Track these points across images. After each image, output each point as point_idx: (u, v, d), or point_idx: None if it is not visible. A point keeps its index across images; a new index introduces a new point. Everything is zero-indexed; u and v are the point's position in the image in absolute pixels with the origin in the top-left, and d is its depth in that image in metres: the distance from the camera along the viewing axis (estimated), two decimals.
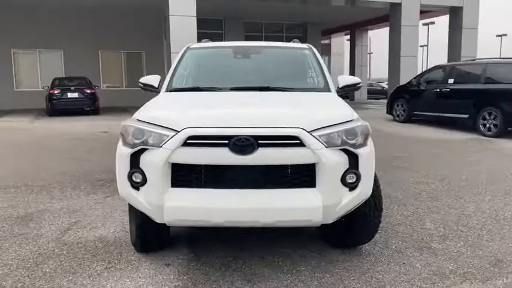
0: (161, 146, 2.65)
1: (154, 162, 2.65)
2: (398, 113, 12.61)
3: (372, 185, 2.99)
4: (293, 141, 2.63)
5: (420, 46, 54.89)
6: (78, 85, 15.81)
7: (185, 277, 2.95)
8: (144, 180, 2.71)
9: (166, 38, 15.64)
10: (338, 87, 3.93)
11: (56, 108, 15.31)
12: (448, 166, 6.51)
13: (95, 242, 3.56)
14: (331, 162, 2.69)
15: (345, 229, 3.28)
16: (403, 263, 3.18)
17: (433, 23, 45.26)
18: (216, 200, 2.64)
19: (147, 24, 20.14)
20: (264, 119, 2.75)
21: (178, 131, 2.64)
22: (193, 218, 2.68)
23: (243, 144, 2.58)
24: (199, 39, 15.49)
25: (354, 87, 4.01)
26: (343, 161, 2.75)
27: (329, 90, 3.76)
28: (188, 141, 2.63)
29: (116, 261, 3.19)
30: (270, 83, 3.79)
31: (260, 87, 3.68)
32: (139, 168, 2.73)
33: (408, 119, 12.20)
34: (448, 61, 16.89)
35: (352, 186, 2.80)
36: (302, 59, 4.09)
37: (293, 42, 4.87)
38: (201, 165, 2.66)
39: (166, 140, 2.64)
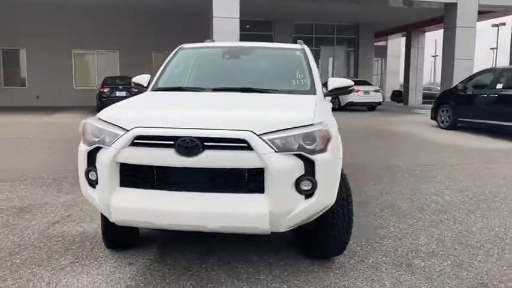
0: (111, 145, 2.66)
1: (103, 161, 2.66)
2: (442, 119, 11.91)
3: (335, 194, 2.83)
4: (240, 144, 2.54)
5: (490, 49, 51.90)
6: (126, 84, 16.48)
7: (141, 277, 2.95)
8: (98, 179, 2.74)
9: (209, 39, 15.88)
10: (328, 90, 3.77)
11: (105, 106, 15.95)
12: (475, 177, 6.03)
13: (74, 236, 3.66)
14: (280, 168, 2.56)
15: (312, 240, 3.13)
16: (372, 279, 2.97)
17: (503, 23, 42.54)
18: (160, 202, 2.61)
19: (193, 26, 20.57)
20: (213, 121, 2.67)
21: (128, 130, 2.64)
22: (137, 219, 2.67)
23: (187, 145, 2.53)
24: (242, 41, 15.66)
25: (345, 90, 3.83)
26: (296, 167, 2.61)
27: (314, 93, 3.60)
28: (136, 141, 2.62)
29: (84, 257, 3.26)
30: (253, 84, 3.70)
31: (242, 88, 3.60)
32: (95, 167, 2.76)
33: (453, 126, 11.48)
34: (510, 64, 15.74)
35: (307, 194, 2.65)
36: (292, 60, 3.95)
37: (298, 43, 4.74)
38: (148, 166, 2.64)
39: (116, 139, 2.65)
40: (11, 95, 20.53)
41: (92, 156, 2.77)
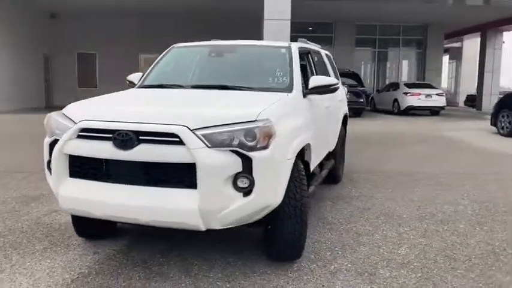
0: (61, 137, 2.80)
1: (54, 152, 2.81)
2: (502, 125, 10.94)
3: (279, 193, 2.75)
4: (172, 138, 2.55)
5: None
6: None
7: (97, 266, 3.06)
8: (51, 169, 2.89)
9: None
10: (308, 88, 3.65)
11: None
12: (507, 189, 5.48)
13: (60, 225, 3.88)
14: (211, 163, 2.53)
15: (268, 241, 3.06)
16: (322, 286, 2.83)
17: None
18: (98, 194, 2.70)
19: (244, 28, 20.77)
20: (150, 115, 2.71)
21: (76, 123, 2.77)
22: (79, 209, 2.79)
23: (123, 138, 2.59)
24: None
25: (327, 88, 3.68)
26: (232, 163, 2.57)
27: (290, 91, 3.51)
28: (81, 133, 2.73)
29: (58, 244, 3.45)
30: (230, 81, 3.69)
31: (219, 85, 3.61)
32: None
33: None
34: None
35: (245, 191, 2.61)
36: (275, 58, 3.87)
37: (299, 41, 4.65)
38: (91, 158, 2.74)
39: (66, 131, 2.78)
40: (85, 95, 22.10)
41: (52, 147, 2.93)
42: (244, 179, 2.59)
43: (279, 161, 2.74)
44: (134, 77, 4.15)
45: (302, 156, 3.33)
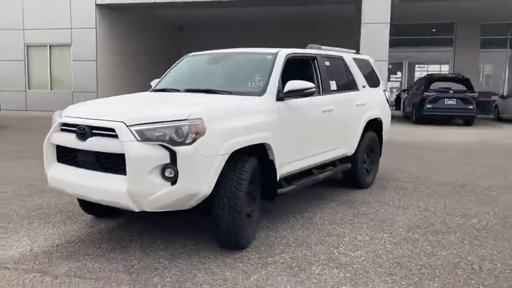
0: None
1: (45, 141, 3.56)
2: None
3: (206, 184, 3.11)
4: (111, 132, 3.08)
5: None
6: None
7: (83, 237, 3.75)
8: None
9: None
10: (283, 92, 3.86)
11: None
12: None
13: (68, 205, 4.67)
14: (137, 154, 3.00)
15: (212, 229, 3.40)
16: (245, 272, 3.06)
17: None
18: (68, 175, 3.38)
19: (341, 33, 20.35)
20: (104, 113, 3.28)
21: (61, 119, 3.48)
22: (59, 187, 3.49)
23: (80, 132, 3.22)
24: (392, 46, 14.93)
25: (302, 92, 3.86)
26: (159, 155, 3.01)
27: (261, 95, 3.78)
28: (62, 127, 3.43)
29: (72, 218, 4.24)
30: (214, 86, 4.15)
31: (205, 90, 4.04)
32: None
33: None
34: None
35: (172, 181, 3.03)
36: (259, 64, 4.11)
37: (308, 47, 4.83)
38: (65, 147, 3.42)
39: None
40: None
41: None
42: (171, 170, 3.02)
43: (206, 156, 3.09)
44: (154, 82, 4.81)
45: (264, 154, 3.63)
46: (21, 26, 17.36)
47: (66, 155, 3.49)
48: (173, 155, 3.00)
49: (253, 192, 3.57)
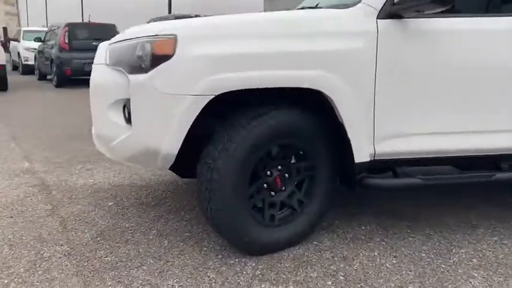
0: None
1: None
2: None
3: (170, 138, 2.24)
4: None
5: None
6: None
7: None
8: None
9: None
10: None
11: None
12: None
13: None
14: (98, 82, 2.62)
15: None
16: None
17: None
18: None
19: None
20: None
21: None
22: None
23: None
24: None
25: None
26: (119, 86, 2.37)
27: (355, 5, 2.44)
28: None
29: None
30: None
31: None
32: None
33: None
34: None
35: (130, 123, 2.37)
36: None
37: None
38: None
39: None
40: None
41: None
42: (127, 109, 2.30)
43: (165, 93, 2.13)
44: None
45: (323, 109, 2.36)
46: None
47: None
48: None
49: (273, 172, 2.42)
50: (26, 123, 6.64)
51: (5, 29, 24.45)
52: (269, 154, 2.41)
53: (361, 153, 2.43)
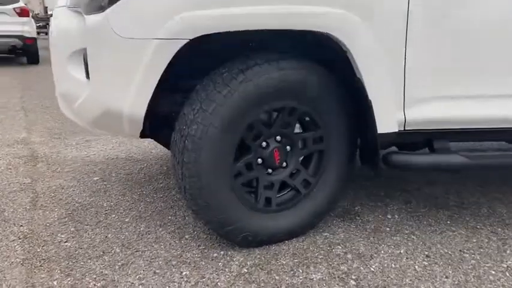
0: None
1: None
2: None
3: (133, 96, 1.80)
4: None
5: None
6: None
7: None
8: None
9: None
10: None
11: None
12: None
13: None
14: (56, 28, 2.12)
15: None
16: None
17: None
18: None
19: None
20: None
21: None
22: None
23: None
24: None
25: None
26: (78, 30, 1.92)
27: None
28: None
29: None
30: None
31: None
32: None
33: None
34: None
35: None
36: None
37: None
38: None
39: None
40: None
41: None
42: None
43: (125, 38, 1.66)
44: None
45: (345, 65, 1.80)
46: None
47: None
48: None
49: (271, 144, 1.92)
50: (44, 96, 6.38)
51: (45, 8, 24.92)
52: (264, 121, 1.90)
53: (387, 121, 1.87)
